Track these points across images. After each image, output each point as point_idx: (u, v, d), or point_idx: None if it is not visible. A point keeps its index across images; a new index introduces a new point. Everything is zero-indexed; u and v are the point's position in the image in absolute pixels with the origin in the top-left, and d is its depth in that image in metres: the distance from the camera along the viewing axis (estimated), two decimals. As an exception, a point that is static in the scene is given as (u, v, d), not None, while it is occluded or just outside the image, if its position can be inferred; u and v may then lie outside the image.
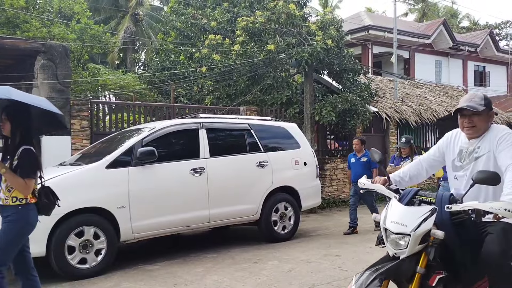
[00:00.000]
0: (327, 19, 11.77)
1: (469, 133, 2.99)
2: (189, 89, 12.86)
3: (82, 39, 14.40)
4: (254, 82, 11.86)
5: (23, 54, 8.41)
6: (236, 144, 7.00)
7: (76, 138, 8.39)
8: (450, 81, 21.32)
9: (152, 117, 9.63)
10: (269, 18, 11.72)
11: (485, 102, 2.95)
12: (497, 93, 22.82)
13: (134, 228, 5.68)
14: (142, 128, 6.45)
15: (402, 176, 3.31)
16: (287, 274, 5.28)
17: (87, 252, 5.31)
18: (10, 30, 13.26)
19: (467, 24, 36.59)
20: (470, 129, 2.97)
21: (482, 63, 24.02)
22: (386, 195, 2.99)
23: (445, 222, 2.71)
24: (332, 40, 11.01)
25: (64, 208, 5.16)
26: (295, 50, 10.89)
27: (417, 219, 2.65)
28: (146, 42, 23.18)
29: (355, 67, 12.45)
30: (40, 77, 8.18)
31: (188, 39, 14.45)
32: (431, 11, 33.98)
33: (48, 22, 14.46)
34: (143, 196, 5.68)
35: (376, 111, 12.86)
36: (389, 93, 14.95)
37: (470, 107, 2.90)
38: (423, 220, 2.64)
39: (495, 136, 2.88)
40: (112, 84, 13.76)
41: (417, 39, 20.33)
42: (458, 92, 19.08)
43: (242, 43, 11.80)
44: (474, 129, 2.96)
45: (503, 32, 34.50)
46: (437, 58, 22.11)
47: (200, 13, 14.59)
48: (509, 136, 2.83)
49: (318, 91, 12.38)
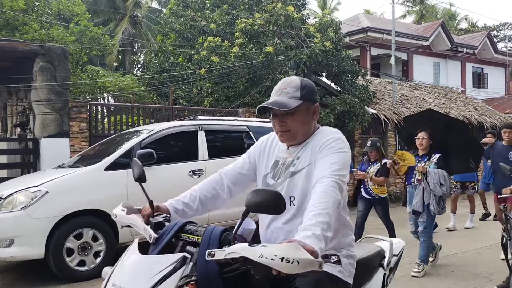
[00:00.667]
0: (325, 21, 11.80)
1: (282, 139, 2.07)
2: (188, 91, 12.86)
3: (81, 41, 14.40)
4: (253, 84, 11.87)
5: (22, 56, 8.41)
6: (235, 146, 7.00)
7: (75, 140, 8.38)
8: (449, 82, 21.35)
9: (151, 119, 9.64)
10: (267, 20, 11.74)
11: (302, 93, 2.01)
12: (495, 94, 22.88)
13: (132, 230, 5.67)
14: (141, 130, 6.46)
15: (187, 201, 2.20)
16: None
17: (86, 254, 5.31)
18: (9, 32, 13.25)
19: (465, 26, 36.69)
20: (284, 134, 2.04)
21: (480, 64, 24.06)
22: (142, 233, 2.01)
23: (211, 278, 1.68)
24: (331, 42, 11.03)
25: (63, 210, 5.18)
26: (293, 52, 10.90)
27: (150, 279, 1.63)
28: (145, 44, 23.20)
29: (353, 69, 12.47)
30: (39, 79, 8.18)
31: (187, 41, 14.46)
32: (429, 13, 34.05)
33: (47, 24, 14.46)
34: (142, 198, 5.66)
35: (375, 113, 12.88)
36: (388, 94, 14.98)
37: (277, 104, 1.94)
38: (159, 281, 1.61)
39: (318, 143, 1.98)
40: (111, 86, 13.75)
41: (415, 41, 20.36)
42: (456, 94, 19.11)
43: (240, 45, 11.81)
44: (288, 133, 2.03)
45: (501, 33, 34.60)
46: (435, 59, 22.14)
47: (199, 15, 14.61)
48: (334, 142, 1.95)
49: (316, 93, 12.38)
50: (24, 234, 4.98)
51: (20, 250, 4.99)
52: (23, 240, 4.97)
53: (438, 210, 5.14)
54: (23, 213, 4.98)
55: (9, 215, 4.98)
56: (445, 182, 5.08)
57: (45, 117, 8.10)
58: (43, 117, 8.10)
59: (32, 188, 5.13)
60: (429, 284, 4.91)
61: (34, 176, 6.31)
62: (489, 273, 5.25)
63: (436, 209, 5.12)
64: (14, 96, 9.61)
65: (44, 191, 5.11)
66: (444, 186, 5.05)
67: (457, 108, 16.30)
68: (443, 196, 5.12)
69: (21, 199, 5.05)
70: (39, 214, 5.02)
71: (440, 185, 5.05)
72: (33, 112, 8.29)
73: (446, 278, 5.13)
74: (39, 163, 8.02)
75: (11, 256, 5.02)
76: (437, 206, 5.11)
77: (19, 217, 4.97)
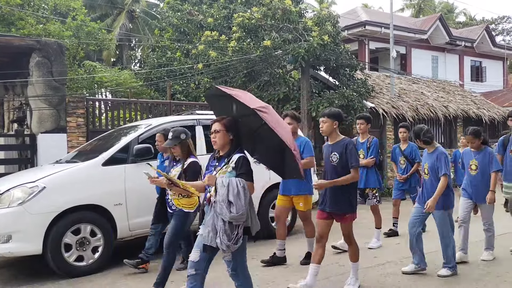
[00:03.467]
0: (323, 14, 11.75)
1: None
2: (186, 86, 12.82)
3: (77, 36, 14.32)
4: (251, 79, 11.84)
5: (18, 52, 8.36)
6: (233, 140, 6.97)
7: (72, 135, 8.36)
8: (447, 76, 21.32)
9: (149, 114, 9.60)
10: (265, 14, 11.69)
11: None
12: (493, 88, 22.85)
13: (131, 225, 5.67)
14: (139, 125, 6.44)
15: None
16: (284, 270, 5.28)
17: (84, 250, 5.30)
18: (5, 28, 13.17)
19: (464, 19, 36.61)
20: None
21: (479, 58, 24.02)
22: None
23: None
24: (329, 35, 10.99)
25: (61, 205, 5.17)
26: (291, 46, 10.87)
27: None
28: (142, 39, 23.11)
29: (351, 62, 12.44)
30: (36, 75, 8.14)
31: (184, 36, 14.40)
32: (427, 6, 33.96)
33: (43, 19, 14.38)
34: (140, 193, 5.66)
35: (373, 107, 12.86)
36: (386, 88, 14.95)
37: None
38: None
39: None
40: (108, 81, 13.70)
41: (414, 34, 20.31)
42: (455, 87, 19.10)
43: (238, 40, 11.77)
44: None
45: (499, 27, 34.55)
46: (433, 53, 22.10)
47: (197, 9, 14.54)
48: None
49: (315, 87, 12.36)
50: (21, 230, 4.96)
51: (18, 246, 4.97)
52: (21, 235, 4.96)
53: (227, 244, 3.25)
54: (20, 208, 4.96)
55: (7, 211, 4.97)
56: (238, 198, 3.27)
57: (42, 113, 8.07)
58: (40, 112, 8.07)
59: (30, 184, 5.12)
60: None
61: (31, 172, 6.29)
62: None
63: (223, 242, 3.25)
64: (10, 92, 9.56)
65: (42, 186, 5.09)
66: (234, 206, 3.25)
67: (456, 101, 16.29)
68: (233, 221, 3.27)
69: (18, 195, 5.03)
70: (36, 209, 5.00)
71: (229, 203, 3.26)
72: (30, 107, 8.26)
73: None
74: (36, 158, 8.00)
75: (9, 252, 5.00)
76: (225, 237, 3.26)
77: (16, 212, 4.96)
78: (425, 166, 5.00)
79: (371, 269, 5.18)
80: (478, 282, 4.70)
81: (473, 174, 5.44)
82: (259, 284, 4.70)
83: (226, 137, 3.51)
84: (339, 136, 4.43)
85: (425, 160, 5.03)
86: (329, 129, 4.37)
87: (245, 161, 3.50)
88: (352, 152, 4.27)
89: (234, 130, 3.53)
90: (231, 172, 3.44)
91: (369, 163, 6.25)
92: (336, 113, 4.40)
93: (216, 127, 3.52)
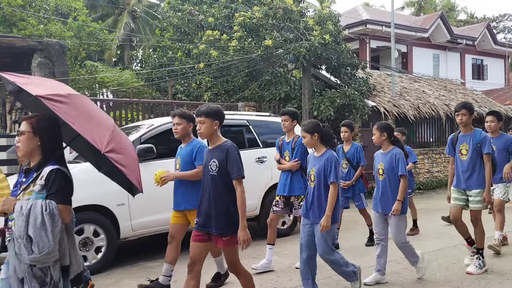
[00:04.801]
0: (324, 13, 11.75)
1: None
2: (187, 86, 12.84)
3: (79, 36, 14.35)
4: (252, 78, 11.85)
5: (20, 52, 8.38)
6: (235, 140, 6.87)
7: (75, 136, 8.36)
8: (448, 74, 21.31)
9: (150, 114, 9.61)
10: (266, 13, 11.69)
11: None
12: (495, 86, 22.83)
13: (134, 225, 5.68)
14: (141, 125, 6.44)
15: None
16: (287, 269, 5.29)
17: (87, 250, 5.31)
18: (7, 28, 13.21)
19: (465, 17, 36.57)
20: None
21: (480, 56, 24.00)
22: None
23: None
24: (330, 34, 10.99)
25: (64, 206, 5.17)
26: (292, 45, 10.87)
27: None
28: (143, 39, 23.13)
29: (353, 61, 12.44)
30: (37, 75, 8.16)
31: (185, 35, 14.41)
32: (428, 5, 33.92)
33: (44, 19, 14.41)
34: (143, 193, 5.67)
35: (375, 106, 12.86)
36: (387, 87, 14.95)
37: None
38: None
39: None
40: (109, 81, 13.72)
41: (415, 33, 20.30)
42: (456, 85, 19.08)
43: (239, 39, 11.78)
44: None
45: (501, 25, 34.50)
46: (434, 51, 22.09)
47: (197, 9, 14.54)
48: None
49: (316, 86, 12.37)
50: (25, 230, 4.97)
51: (21, 246, 4.98)
52: (24, 236, 4.97)
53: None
54: (23, 209, 4.96)
55: (10, 212, 4.97)
56: (42, 231, 2.41)
57: (44, 113, 8.08)
58: (42, 113, 8.07)
59: (32, 184, 5.12)
60: None
61: (34, 172, 6.29)
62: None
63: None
64: (12, 92, 9.57)
65: (45, 187, 5.09)
66: (35, 244, 2.40)
67: (457, 100, 16.28)
68: (37, 264, 2.43)
69: (21, 196, 5.03)
70: (39, 210, 5.01)
71: (29, 239, 2.42)
72: (32, 108, 8.26)
73: None
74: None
75: (12, 253, 5.01)
76: (36, 285, 2.45)
77: (19, 213, 4.96)
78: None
79: (371, 269, 5.19)
80: (481, 280, 4.70)
81: (380, 179, 4.66)
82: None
83: (33, 141, 2.62)
84: (220, 139, 3.48)
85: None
86: (208, 130, 3.42)
87: (59, 175, 2.56)
88: (234, 159, 3.35)
89: (45, 132, 2.64)
90: (40, 193, 2.53)
91: (293, 167, 5.22)
92: (215, 110, 3.42)
93: (22, 127, 2.65)
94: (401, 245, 4.62)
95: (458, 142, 5.01)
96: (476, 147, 4.86)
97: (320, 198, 4.03)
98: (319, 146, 4.10)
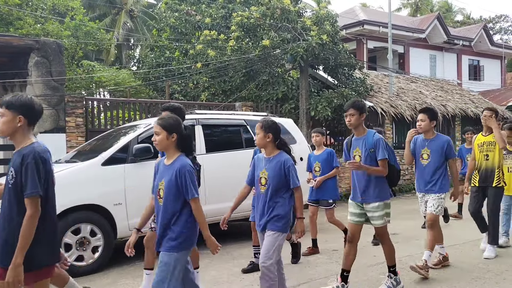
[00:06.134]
0: (322, 14, 11.77)
1: None
2: (184, 86, 12.83)
3: (76, 36, 14.32)
4: (250, 78, 11.85)
5: (17, 52, 8.36)
6: (232, 140, 6.99)
7: (71, 135, 8.36)
8: (445, 75, 21.37)
9: (148, 113, 9.61)
10: (264, 13, 11.70)
11: None
12: (491, 86, 22.91)
13: (131, 225, 5.66)
14: (138, 125, 6.43)
15: None
16: (285, 269, 5.28)
17: (84, 250, 5.30)
18: (4, 28, 13.17)
19: (461, 18, 36.67)
20: None
21: (476, 57, 24.09)
22: None
23: None
24: (327, 35, 11.01)
25: (61, 205, 5.15)
26: (290, 46, 10.88)
27: None
28: (141, 39, 23.10)
29: (350, 62, 12.46)
30: (34, 75, 8.14)
31: (182, 35, 14.40)
32: (425, 5, 34.01)
33: (41, 19, 14.37)
34: (139, 192, 5.66)
35: (372, 106, 12.88)
36: (384, 87, 14.98)
37: None
38: None
39: None
40: (106, 81, 13.70)
41: (412, 33, 20.36)
42: (453, 86, 19.14)
43: (237, 39, 11.78)
44: None
45: (497, 26, 34.62)
46: (431, 52, 22.15)
47: (195, 9, 14.54)
48: None
49: (313, 87, 12.38)
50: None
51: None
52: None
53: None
54: (20, 209, 4.95)
55: (6, 211, 4.95)
56: None
57: (41, 113, 8.06)
58: (39, 112, 8.06)
59: (29, 184, 5.10)
60: None
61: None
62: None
63: None
64: (9, 92, 9.55)
65: (41, 186, 5.07)
66: None
67: (454, 100, 16.33)
68: None
69: (18, 195, 5.01)
70: (36, 209, 4.99)
71: None
72: (29, 107, 8.24)
73: None
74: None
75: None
76: None
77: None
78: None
79: (371, 268, 5.20)
80: (477, 280, 4.71)
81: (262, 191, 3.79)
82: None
83: None
84: (30, 140, 2.89)
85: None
86: (9, 128, 2.83)
87: None
88: (28, 171, 2.73)
89: None
90: None
91: None
92: (23, 103, 2.75)
93: None
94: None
95: (351, 147, 4.29)
96: (369, 152, 4.11)
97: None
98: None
